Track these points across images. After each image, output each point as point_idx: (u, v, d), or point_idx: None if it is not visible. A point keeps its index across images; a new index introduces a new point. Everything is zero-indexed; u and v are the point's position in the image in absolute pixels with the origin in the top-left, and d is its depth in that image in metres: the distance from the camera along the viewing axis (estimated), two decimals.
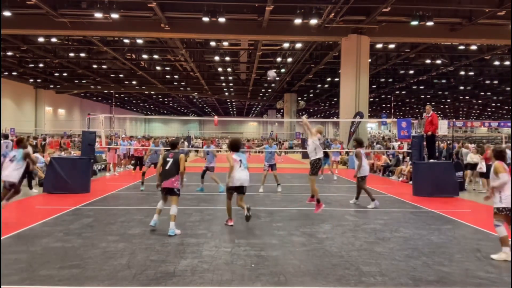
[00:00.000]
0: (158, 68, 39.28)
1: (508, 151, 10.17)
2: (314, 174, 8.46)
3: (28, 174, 11.83)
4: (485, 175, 12.83)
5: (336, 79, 36.21)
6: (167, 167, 6.84)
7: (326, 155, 15.44)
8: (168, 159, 6.91)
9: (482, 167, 12.64)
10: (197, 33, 23.04)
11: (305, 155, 28.70)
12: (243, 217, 7.30)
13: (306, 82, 42.25)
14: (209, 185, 11.96)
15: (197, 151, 31.97)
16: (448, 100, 57.69)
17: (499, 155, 5.96)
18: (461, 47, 26.80)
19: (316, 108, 69.99)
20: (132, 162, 19.40)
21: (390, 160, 18.52)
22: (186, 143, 28.77)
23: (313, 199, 8.46)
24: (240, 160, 7.35)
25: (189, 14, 21.03)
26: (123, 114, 72.36)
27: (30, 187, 11.62)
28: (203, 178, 11.90)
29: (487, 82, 40.81)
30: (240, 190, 7.34)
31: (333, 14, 19.91)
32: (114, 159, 17.04)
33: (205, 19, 18.93)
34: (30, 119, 45.16)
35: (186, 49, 28.85)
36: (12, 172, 7.64)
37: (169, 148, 7.46)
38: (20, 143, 8.36)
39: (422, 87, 44.63)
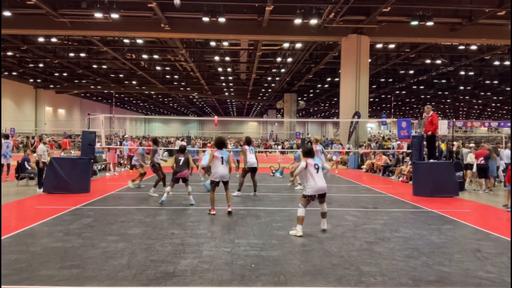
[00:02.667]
0: (158, 68, 39.28)
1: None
2: None
3: (39, 173, 11.83)
4: (481, 175, 12.89)
5: (336, 79, 36.22)
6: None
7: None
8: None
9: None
10: (197, 33, 23.04)
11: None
12: (243, 217, 7.36)
13: (306, 82, 42.24)
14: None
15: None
16: (448, 100, 57.70)
17: (304, 153, 7.05)
18: (461, 47, 26.80)
19: (316, 108, 70.01)
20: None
21: (390, 160, 18.52)
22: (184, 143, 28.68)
23: None
24: (222, 157, 8.33)
25: (189, 14, 21.03)
26: (123, 114, 72.35)
27: (40, 185, 11.53)
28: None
29: (487, 82, 40.82)
30: (224, 183, 8.48)
31: (333, 14, 19.92)
32: (114, 159, 17.03)
33: (205, 19, 18.92)
34: (30, 119, 45.18)
35: (186, 49, 28.85)
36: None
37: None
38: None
39: (422, 87, 44.63)
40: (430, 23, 19.06)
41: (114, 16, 18.90)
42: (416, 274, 4.92)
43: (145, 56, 32.67)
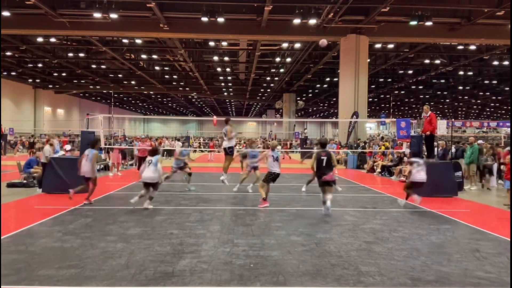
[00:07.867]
0: (157, 68, 39.27)
1: None
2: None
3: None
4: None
5: (335, 79, 36.24)
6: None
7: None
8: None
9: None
10: (196, 33, 23.04)
11: (303, 156, 28.70)
12: (242, 217, 7.38)
13: (305, 82, 42.28)
14: (209, 185, 11.96)
15: (195, 151, 32.03)
16: (447, 100, 57.75)
17: None
18: (460, 47, 26.85)
19: (315, 108, 70.03)
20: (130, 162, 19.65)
21: (391, 161, 18.51)
22: (180, 143, 28.63)
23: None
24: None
25: (188, 14, 21.04)
26: (122, 114, 72.29)
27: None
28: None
29: (486, 82, 40.89)
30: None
31: (332, 14, 19.94)
32: (118, 159, 17.16)
33: (204, 19, 18.93)
34: (29, 119, 45.14)
35: (185, 49, 28.85)
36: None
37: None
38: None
39: (421, 87, 44.69)
40: (429, 23, 19.09)
41: (113, 16, 18.90)
42: (415, 274, 4.93)
43: (144, 56, 32.67)
